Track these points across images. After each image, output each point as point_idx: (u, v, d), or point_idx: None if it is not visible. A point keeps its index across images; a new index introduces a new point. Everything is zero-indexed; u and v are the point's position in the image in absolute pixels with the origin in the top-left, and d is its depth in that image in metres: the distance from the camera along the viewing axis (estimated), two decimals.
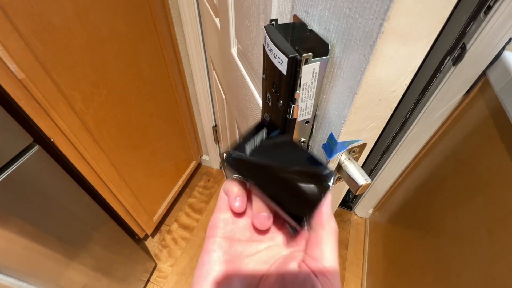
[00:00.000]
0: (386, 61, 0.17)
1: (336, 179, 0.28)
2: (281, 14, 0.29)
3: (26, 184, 0.58)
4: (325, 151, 0.24)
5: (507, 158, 0.56)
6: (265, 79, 0.25)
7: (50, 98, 0.64)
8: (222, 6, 0.57)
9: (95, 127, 0.80)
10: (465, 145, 0.74)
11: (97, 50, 0.74)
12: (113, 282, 0.97)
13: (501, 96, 0.61)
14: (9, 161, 0.54)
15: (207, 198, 1.54)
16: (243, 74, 0.53)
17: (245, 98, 0.55)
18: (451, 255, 0.68)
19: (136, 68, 0.89)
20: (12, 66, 0.55)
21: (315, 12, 0.20)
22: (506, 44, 0.64)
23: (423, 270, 0.79)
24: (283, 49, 0.20)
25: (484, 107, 0.69)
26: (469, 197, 0.66)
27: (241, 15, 0.46)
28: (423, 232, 0.85)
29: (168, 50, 1.02)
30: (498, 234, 0.55)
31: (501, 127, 0.61)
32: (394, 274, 0.98)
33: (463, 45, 0.71)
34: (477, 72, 0.72)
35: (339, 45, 0.19)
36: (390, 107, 0.21)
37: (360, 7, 0.16)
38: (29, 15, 0.56)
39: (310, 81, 0.21)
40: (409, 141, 1.00)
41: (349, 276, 1.25)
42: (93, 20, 0.70)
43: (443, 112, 0.86)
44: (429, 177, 0.89)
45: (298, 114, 0.23)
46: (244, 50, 0.50)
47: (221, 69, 0.83)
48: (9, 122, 0.53)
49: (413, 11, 0.14)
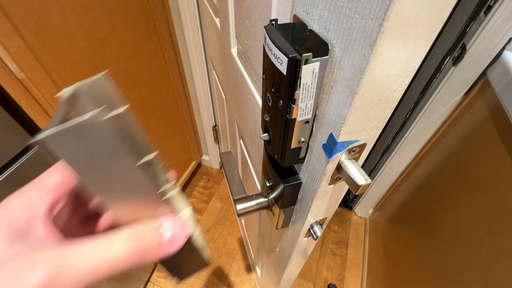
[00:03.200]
0: (386, 61, 0.17)
1: (336, 179, 0.28)
2: (281, 14, 0.29)
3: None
4: (325, 151, 0.24)
5: (507, 158, 0.56)
6: (265, 79, 0.25)
7: (50, 98, 0.64)
8: (222, 6, 0.57)
9: None
10: (465, 145, 0.74)
11: (97, 50, 0.74)
12: (113, 282, 0.97)
13: (501, 96, 0.61)
14: (9, 161, 0.54)
15: (207, 198, 1.54)
16: (243, 74, 0.53)
17: (245, 98, 0.55)
18: (451, 255, 0.68)
19: (136, 68, 0.89)
20: (12, 66, 0.55)
21: (315, 12, 0.20)
22: (506, 44, 0.64)
23: (423, 270, 0.79)
24: (283, 49, 0.20)
25: (484, 107, 0.69)
26: (469, 197, 0.66)
27: (241, 15, 0.46)
28: (423, 232, 0.85)
29: (168, 50, 1.02)
30: (498, 234, 0.55)
31: (501, 127, 0.61)
32: (394, 274, 0.98)
33: (463, 45, 0.71)
34: (477, 72, 0.72)
35: (339, 45, 0.19)
36: (390, 107, 0.21)
37: (360, 7, 0.16)
38: (29, 15, 0.56)
39: (310, 81, 0.21)
40: (409, 141, 1.00)
41: (349, 276, 1.25)
42: (93, 20, 0.70)
43: (443, 112, 0.86)
44: (429, 177, 0.89)
45: (298, 114, 0.23)
46: (244, 50, 0.50)
47: (221, 69, 0.83)
48: (9, 122, 0.53)
49: (413, 11, 0.14)
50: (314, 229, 0.36)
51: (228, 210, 1.48)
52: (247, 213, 0.42)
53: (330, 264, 1.29)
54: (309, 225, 0.36)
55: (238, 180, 0.47)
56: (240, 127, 0.74)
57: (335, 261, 1.30)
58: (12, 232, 0.15)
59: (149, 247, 0.16)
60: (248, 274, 1.24)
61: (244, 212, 0.41)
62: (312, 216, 0.34)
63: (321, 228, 0.37)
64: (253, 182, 0.72)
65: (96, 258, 0.15)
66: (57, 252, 0.15)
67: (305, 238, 0.40)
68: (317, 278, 1.24)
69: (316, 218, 0.36)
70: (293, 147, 0.27)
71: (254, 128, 0.55)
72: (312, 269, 1.27)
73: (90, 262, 0.15)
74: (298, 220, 0.38)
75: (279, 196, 0.35)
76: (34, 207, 0.16)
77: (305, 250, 0.47)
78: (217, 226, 1.41)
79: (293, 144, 0.26)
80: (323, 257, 1.31)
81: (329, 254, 1.32)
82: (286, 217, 0.40)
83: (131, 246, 0.16)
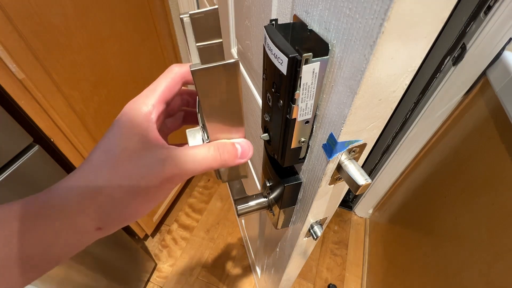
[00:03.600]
0: (386, 61, 0.17)
1: (336, 179, 0.28)
2: (281, 14, 0.29)
3: (26, 184, 0.58)
4: (325, 151, 0.24)
5: (507, 158, 0.56)
6: (265, 79, 0.25)
7: (50, 98, 0.64)
8: (222, 6, 0.57)
9: (95, 127, 0.80)
10: (465, 145, 0.74)
11: (97, 50, 0.74)
12: (113, 282, 0.97)
13: (501, 96, 0.61)
14: (9, 161, 0.54)
15: (207, 198, 1.54)
16: (243, 74, 0.53)
17: (245, 98, 0.55)
18: (451, 255, 0.68)
19: (136, 68, 0.89)
20: (12, 66, 0.55)
21: (315, 12, 0.20)
22: (506, 44, 0.64)
23: (423, 270, 0.79)
24: (283, 49, 0.20)
25: (484, 107, 0.69)
26: (469, 197, 0.66)
27: (241, 15, 0.46)
28: (423, 232, 0.85)
29: (168, 50, 1.02)
30: (498, 234, 0.55)
31: (501, 127, 0.61)
32: (394, 274, 0.98)
33: (463, 45, 0.71)
34: (477, 72, 0.72)
35: (339, 45, 0.19)
36: (390, 107, 0.21)
37: (360, 7, 0.16)
38: (29, 15, 0.56)
39: (310, 81, 0.21)
40: (409, 141, 1.00)
41: (349, 276, 1.25)
42: (93, 20, 0.70)
43: (443, 112, 0.86)
44: (429, 177, 0.89)
45: (298, 114, 0.23)
46: (244, 50, 0.50)
47: None
48: (9, 122, 0.53)
49: (413, 11, 0.14)
50: (314, 229, 0.36)
51: (228, 210, 1.48)
52: (247, 213, 0.42)
53: (330, 264, 1.29)
54: (309, 225, 0.36)
55: (238, 180, 0.47)
56: None
57: (335, 261, 1.30)
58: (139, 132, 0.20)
59: (229, 156, 0.22)
60: (248, 274, 1.24)
61: (244, 212, 0.41)
62: (312, 216, 0.34)
63: (321, 228, 0.37)
64: (253, 182, 0.72)
65: (199, 159, 0.21)
66: (176, 154, 0.20)
67: (305, 238, 0.40)
68: (317, 278, 1.24)
69: (316, 218, 0.36)
70: (293, 147, 0.27)
71: (254, 128, 0.55)
72: (312, 269, 1.27)
73: (195, 162, 0.21)
74: (298, 220, 0.38)
75: (279, 196, 0.35)
76: (151, 112, 0.20)
77: (305, 250, 0.47)
78: (217, 226, 1.41)
79: (293, 144, 0.26)
80: (323, 257, 1.31)
81: (329, 254, 1.32)
82: (286, 217, 0.40)
83: (218, 153, 0.22)
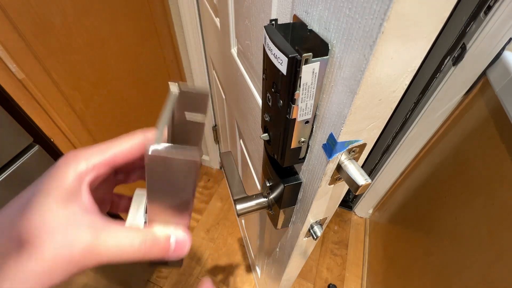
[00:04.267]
0: (386, 61, 0.17)
1: (336, 179, 0.28)
2: (281, 14, 0.29)
3: (26, 184, 0.58)
4: (325, 151, 0.24)
5: (507, 158, 0.56)
6: (265, 79, 0.25)
7: (50, 98, 0.64)
8: (222, 6, 0.57)
9: (95, 127, 0.80)
10: (465, 145, 0.74)
11: (97, 50, 0.73)
12: (113, 282, 0.97)
13: (501, 96, 0.61)
14: (9, 161, 0.54)
15: (207, 198, 1.54)
16: (243, 74, 0.53)
17: (245, 98, 0.55)
18: (451, 255, 0.68)
19: (136, 68, 0.89)
20: (12, 66, 0.55)
21: (315, 12, 0.20)
22: (506, 44, 0.64)
23: (423, 270, 0.79)
24: (283, 49, 0.20)
25: (484, 107, 0.69)
26: (469, 197, 0.66)
27: (241, 15, 0.46)
28: (423, 232, 0.85)
29: (168, 51, 1.02)
30: (498, 234, 0.55)
31: (501, 127, 0.61)
32: (394, 274, 0.98)
33: (463, 45, 0.71)
34: (477, 72, 0.72)
35: (339, 45, 0.19)
36: (390, 107, 0.21)
37: (360, 7, 0.16)
38: (29, 15, 0.56)
39: (310, 81, 0.21)
40: (409, 141, 1.00)
41: (349, 276, 1.25)
42: (93, 20, 0.70)
43: (443, 112, 0.86)
44: (429, 177, 0.89)
45: (298, 114, 0.23)
46: (244, 50, 0.50)
47: (221, 69, 0.83)
48: (9, 122, 0.53)
49: (413, 11, 0.14)
50: (314, 229, 0.36)
51: (228, 210, 1.48)
52: (247, 213, 0.42)
53: (330, 264, 1.29)
54: (309, 225, 0.36)
55: (238, 180, 0.47)
56: (240, 127, 0.74)
57: (335, 261, 1.30)
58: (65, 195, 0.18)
59: (159, 252, 0.20)
60: (248, 274, 1.24)
61: (244, 212, 0.41)
62: (312, 216, 0.34)
63: (321, 228, 0.37)
64: (253, 182, 0.72)
65: (123, 244, 0.18)
66: (99, 225, 0.18)
67: (305, 238, 0.40)
68: (317, 278, 1.24)
69: (316, 218, 0.36)
70: (293, 147, 0.27)
71: (254, 128, 0.55)
72: (312, 269, 1.27)
73: (117, 245, 0.18)
74: (298, 220, 0.38)
75: (279, 196, 0.35)
76: (87, 173, 0.19)
77: (305, 250, 0.47)
78: (217, 226, 1.41)
79: (293, 144, 0.26)
80: (323, 257, 1.31)
81: (329, 254, 1.32)
82: (286, 217, 0.40)
83: (147, 245, 0.20)
